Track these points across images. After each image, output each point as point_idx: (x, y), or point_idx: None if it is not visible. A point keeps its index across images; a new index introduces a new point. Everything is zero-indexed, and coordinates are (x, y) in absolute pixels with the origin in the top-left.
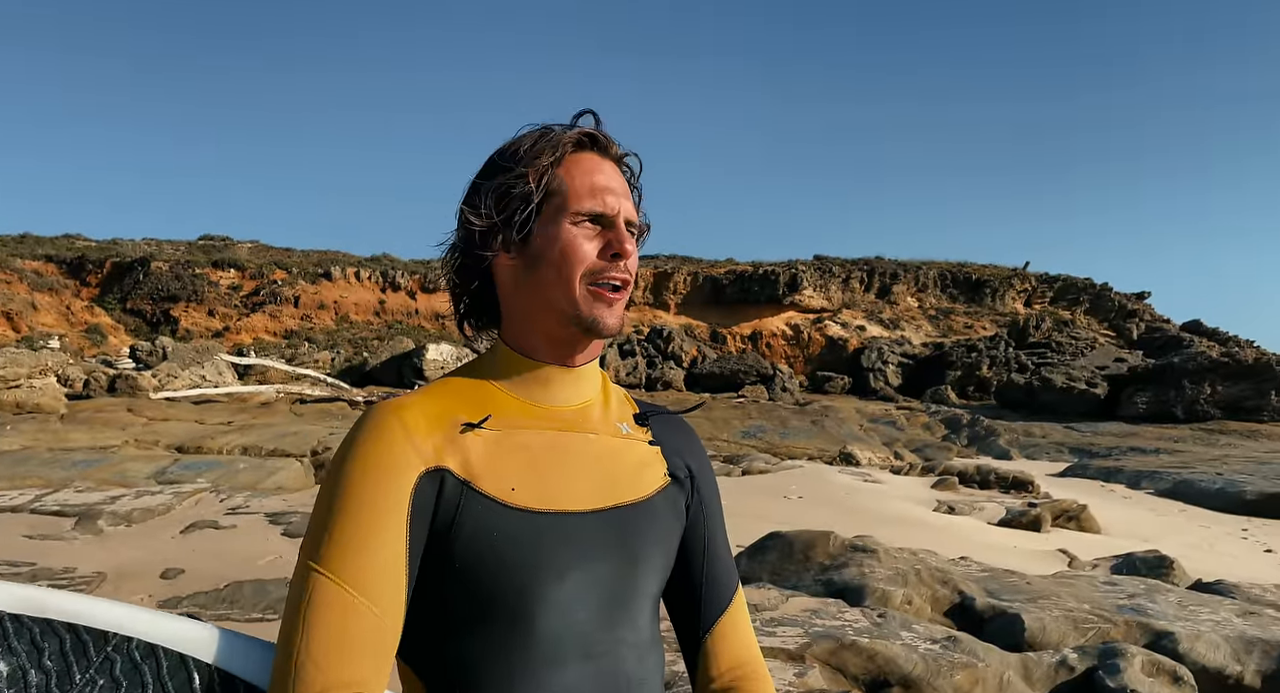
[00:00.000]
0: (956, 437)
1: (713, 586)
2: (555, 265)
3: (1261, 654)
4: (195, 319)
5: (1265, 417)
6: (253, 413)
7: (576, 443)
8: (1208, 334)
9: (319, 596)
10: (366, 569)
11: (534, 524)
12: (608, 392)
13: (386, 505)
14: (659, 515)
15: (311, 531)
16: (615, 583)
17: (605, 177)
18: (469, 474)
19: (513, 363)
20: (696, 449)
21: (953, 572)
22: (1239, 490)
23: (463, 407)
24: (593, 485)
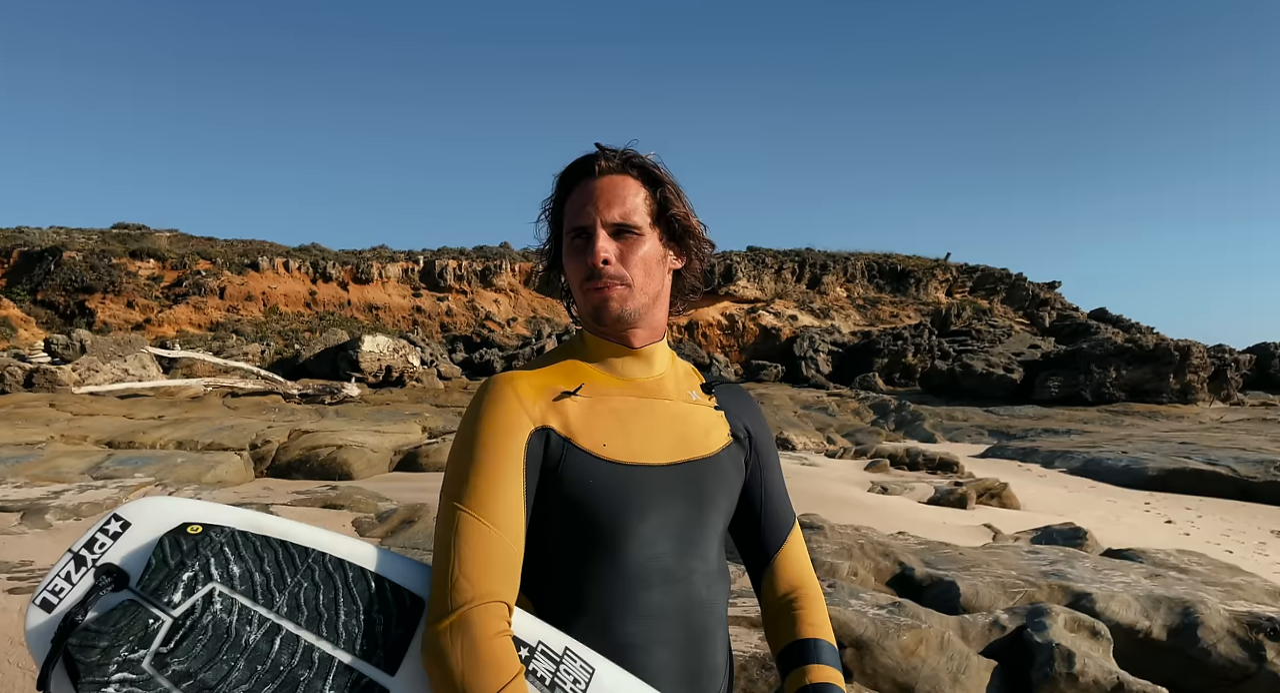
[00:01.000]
0: (885, 421)
1: (771, 522)
2: (569, 277)
3: (1167, 611)
4: (113, 311)
5: (1164, 398)
6: (184, 407)
7: (655, 408)
8: (1112, 321)
9: (464, 527)
10: (497, 507)
11: (621, 473)
12: (678, 366)
13: (508, 457)
14: (723, 468)
15: (451, 477)
16: (687, 522)
17: (588, 194)
18: (568, 432)
19: (594, 344)
20: (755, 414)
21: (893, 545)
22: (1142, 468)
23: (561, 378)
24: (668, 443)
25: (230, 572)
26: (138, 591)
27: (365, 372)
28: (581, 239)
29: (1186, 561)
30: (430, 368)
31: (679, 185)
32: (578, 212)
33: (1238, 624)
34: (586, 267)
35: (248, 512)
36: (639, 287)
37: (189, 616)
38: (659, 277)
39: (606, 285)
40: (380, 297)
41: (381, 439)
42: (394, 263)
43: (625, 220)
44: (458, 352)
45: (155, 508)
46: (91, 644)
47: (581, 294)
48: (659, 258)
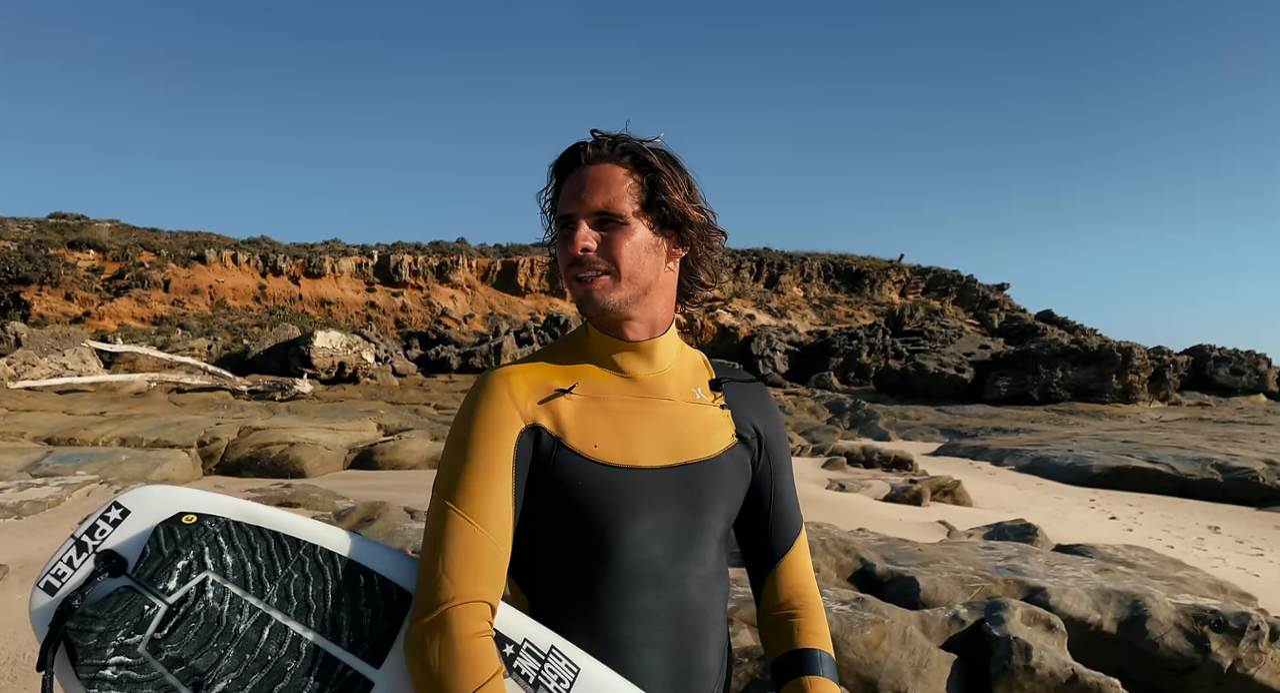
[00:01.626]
0: (840, 420)
1: (778, 528)
2: (559, 264)
3: (1117, 604)
4: (50, 304)
5: (1107, 398)
6: (127, 403)
7: (653, 408)
8: (1058, 323)
9: (451, 526)
10: (485, 506)
11: (612, 476)
12: (685, 361)
13: (497, 456)
14: (725, 471)
15: (443, 473)
16: (681, 527)
17: (574, 184)
18: (559, 431)
19: (596, 339)
20: (766, 412)
21: (854, 542)
22: (1087, 465)
23: (558, 375)
24: (665, 445)
25: (224, 561)
26: (134, 577)
27: (318, 368)
28: (567, 229)
29: (1133, 555)
30: (385, 365)
31: (682, 170)
32: (564, 201)
33: (1184, 617)
34: (569, 255)
35: (244, 502)
36: (626, 276)
37: (183, 603)
38: (651, 266)
39: (588, 275)
40: (333, 291)
41: (335, 437)
42: (347, 257)
43: (608, 208)
44: (413, 348)
45: (155, 496)
46: (89, 629)
47: (567, 285)
48: (649, 247)
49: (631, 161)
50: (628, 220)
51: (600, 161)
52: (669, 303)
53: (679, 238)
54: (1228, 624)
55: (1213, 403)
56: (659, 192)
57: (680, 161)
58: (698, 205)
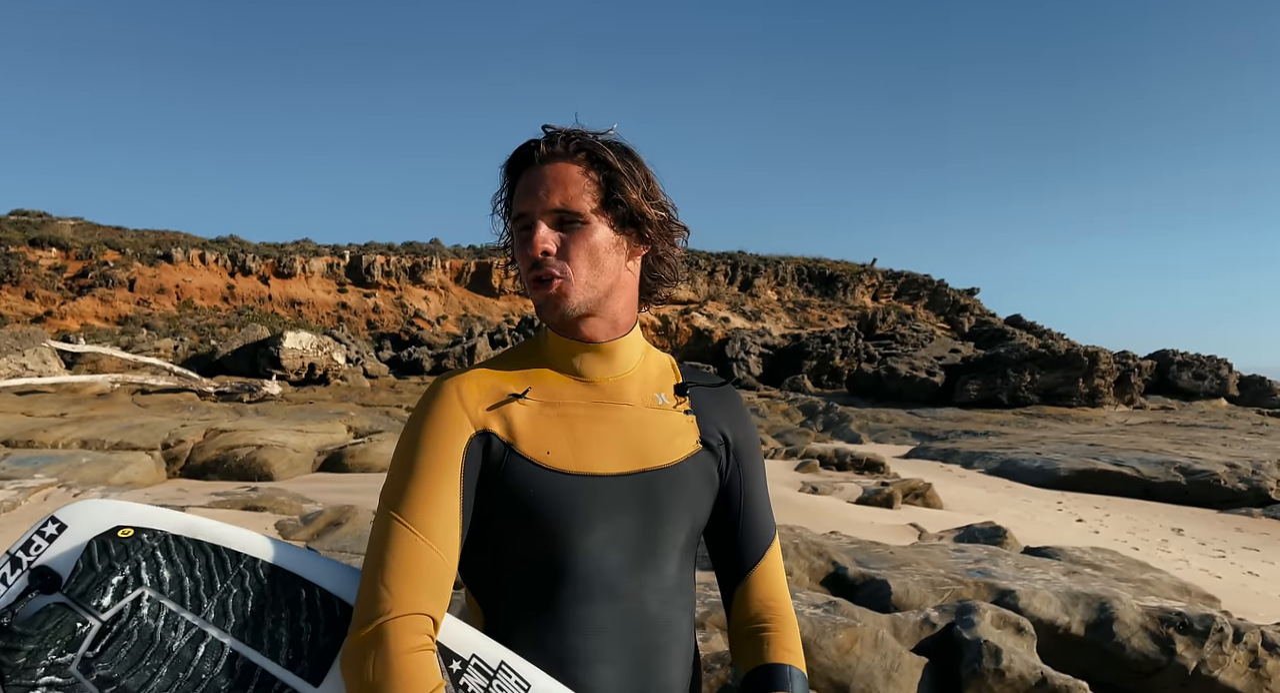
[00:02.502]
0: (813, 422)
1: (748, 538)
2: (518, 266)
3: (1085, 606)
4: (10, 302)
5: (1074, 402)
6: (89, 404)
7: (610, 413)
8: (1027, 327)
9: (395, 537)
10: (430, 516)
11: (565, 484)
12: (649, 364)
13: (445, 463)
14: (688, 479)
15: (390, 482)
16: (640, 536)
17: (528, 183)
18: (510, 438)
19: (554, 341)
20: (736, 417)
21: (826, 545)
22: (1054, 468)
23: (512, 379)
24: (622, 452)
25: (160, 576)
26: (67, 594)
27: (287, 369)
28: (525, 231)
29: (1100, 558)
30: (356, 366)
31: (640, 164)
32: (520, 200)
33: (1150, 619)
34: (529, 258)
35: (185, 515)
36: (584, 280)
37: (117, 620)
38: (611, 267)
39: (547, 279)
40: (303, 292)
41: (304, 439)
42: (318, 257)
43: (566, 207)
44: (385, 349)
45: (93, 511)
46: (18, 647)
47: (528, 288)
48: (609, 246)
49: (587, 158)
50: (587, 219)
51: (555, 159)
52: (631, 302)
53: (639, 235)
54: (1192, 626)
55: (1176, 407)
56: (616, 189)
57: (637, 155)
58: (657, 201)
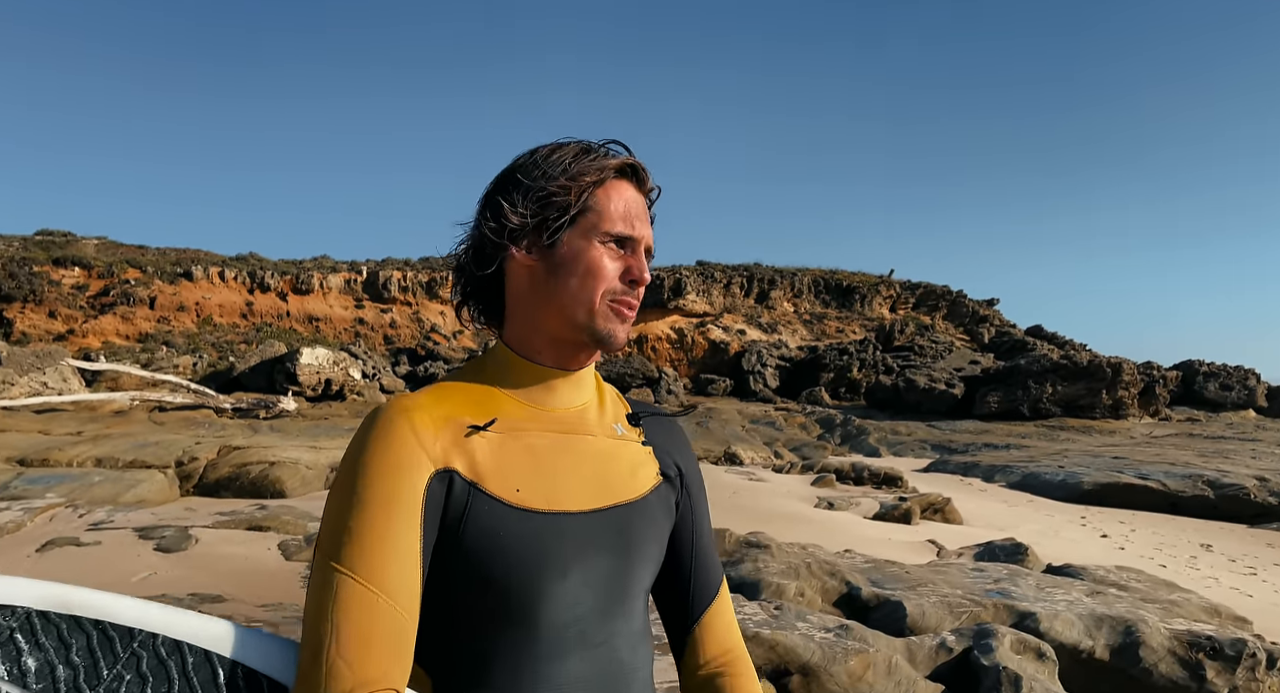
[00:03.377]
0: (830, 436)
1: (700, 578)
2: (580, 277)
3: (1109, 630)
4: (33, 321)
5: (1097, 414)
6: (106, 422)
7: (576, 445)
8: (1048, 338)
9: (344, 594)
10: (386, 567)
11: (537, 524)
12: (602, 393)
13: (401, 505)
14: (653, 513)
15: (328, 530)
16: (612, 578)
17: (638, 206)
18: (475, 476)
19: (515, 366)
20: (685, 449)
21: (839, 564)
22: (1078, 482)
23: (468, 407)
24: (592, 486)
25: (23, 665)
26: None
27: (303, 385)
28: (618, 249)
29: (1125, 577)
30: (372, 381)
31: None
32: (625, 218)
33: (1178, 643)
34: (623, 280)
35: (54, 586)
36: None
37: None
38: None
39: (631, 310)
40: (321, 308)
41: (318, 456)
42: (336, 273)
43: (651, 248)
44: (401, 365)
45: None
46: None
47: (599, 308)
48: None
49: (648, 200)
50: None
51: (644, 191)
52: None
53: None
54: (1223, 651)
55: (1202, 418)
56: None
57: None
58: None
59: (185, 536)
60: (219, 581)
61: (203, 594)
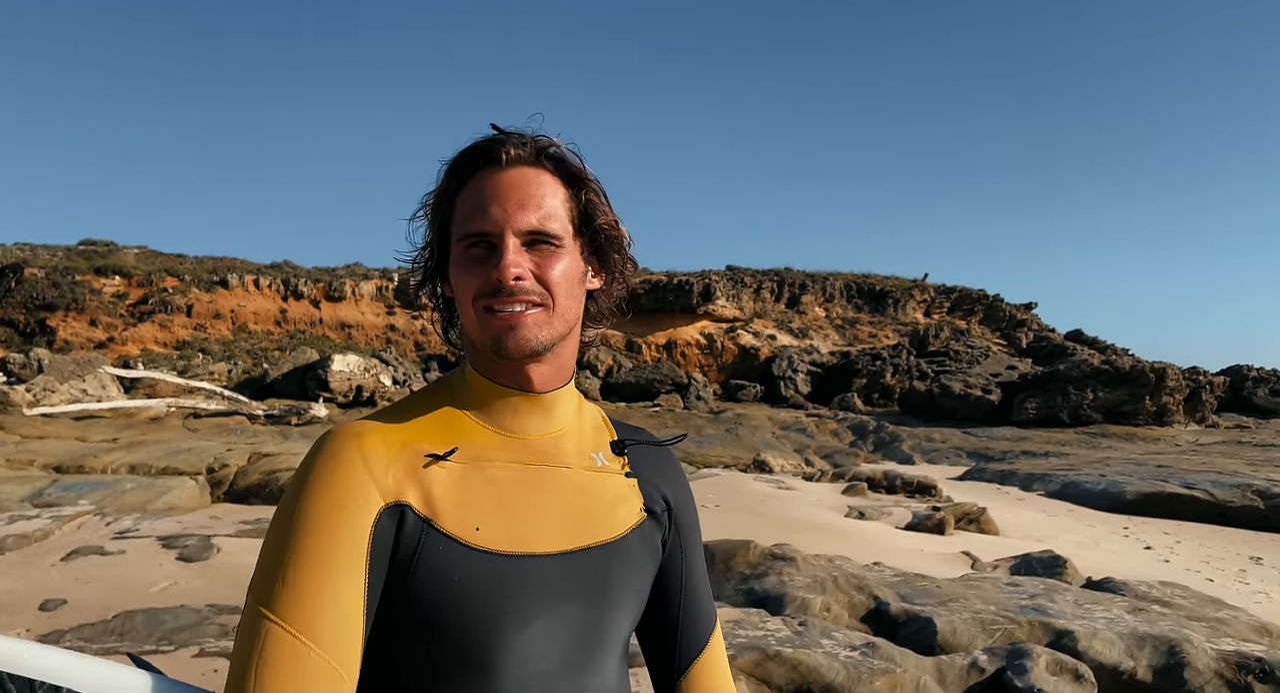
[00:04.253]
0: (863, 443)
1: (690, 624)
2: (456, 290)
3: (1152, 650)
4: (75, 329)
5: (1140, 420)
6: (141, 429)
7: (548, 478)
8: (1088, 343)
9: (271, 646)
10: (321, 618)
11: (498, 567)
12: (583, 417)
13: (343, 547)
14: (632, 555)
15: (262, 571)
16: (583, 629)
17: (493, 190)
18: (430, 511)
19: (479, 387)
20: (675, 479)
21: (867, 577)
22: (1120, 491)
23: (428, 433)
24: (563, 525)
25: None
26: None
27: (335, 392)
28: (481, 247)
29: (1169, 593)
30: (403, 388)
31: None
32: (478, 212)
33: (1225, 665)
34: (489, 282)
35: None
36: (559, 311)
37: None
38: (579, 299)
39: (515, 309)
40: (353, 315)
41: None
42: (368, 280)
43: (543, 227)
44: (432, 370)
45: None
46: None
47: (476, 318)
48: (580, 276)
49: (557, 170)
50: (563, 243)
51: (522, 165)
52: (576, 345)
53: (598, 265)
54: (1274, 674)
55: (1251, 425)
56: (593, 210)
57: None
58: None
59: (207, 545)
60: (238, 591)
61: (220, 605)
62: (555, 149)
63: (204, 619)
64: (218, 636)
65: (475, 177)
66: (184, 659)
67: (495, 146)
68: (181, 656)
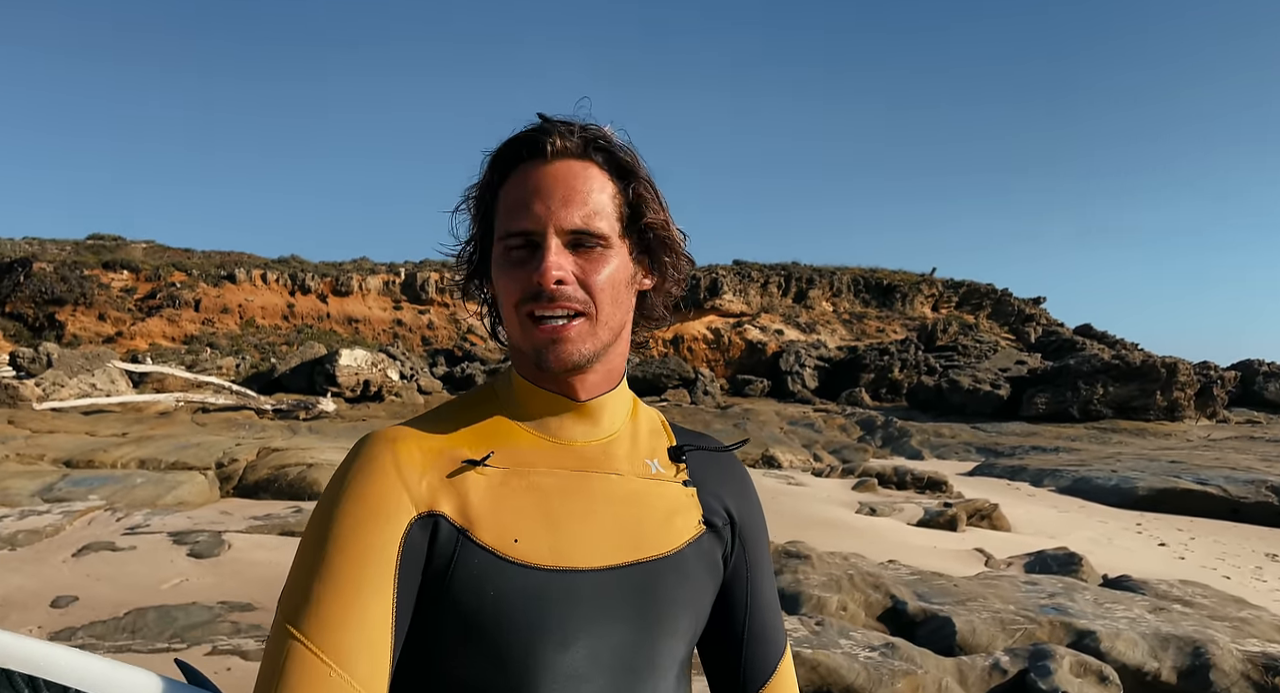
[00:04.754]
0: (871, 438)
1: (757, 648)
2: (500, 295)
3: (1176, 650)
4: (84, 324)
5: (1151, 416)
6: (150, 423)
7: (596, 485)
8: (1097, 337)
9: (293, 666)
10: (347, 638)
11: (538, 582)
12: (638, 420)
13: (374, 561)
14: (689, 572)
15: (290, 587)
16: (631, 652)
17: (535, 185)
18: (466, 521)
19: (520, 390)
20: (741, 488)
21: (884, 576)
22: (1132, 487)
23: (467, 438)
24: (612, 537)
25: None
26: None
27: (342, 386)
28: (523, 248)
29: (1190, 592)
30: (410, 382)
31: (652, 177)
32: (520, 208)
33: (1252, 667)
34: (531, 286)
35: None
36: (604, 319)
37: None
38: (626, 304)
39: (560, 316)
40: (360, 309)
41: None
42: (375, 275)
43: (588, 226)
44: (439, 365)
45: None
46: None
47: (519, 325)
48: (628, 279)
49: (606, 163)
50: (610, 244)
51: (569, 158)
52: (626, 348)
53: (649, 266)
54: None
55: (1263, 420)
56: (643, 207)
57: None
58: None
59: (218, 541)
60: (249, 588)
61: (232, 602)
62: (604, 140)
63: (216, 617)
64: (230, 633)
65: (519, 169)
66: (196, 658)
67: (540, 137)
68: (194, 654)
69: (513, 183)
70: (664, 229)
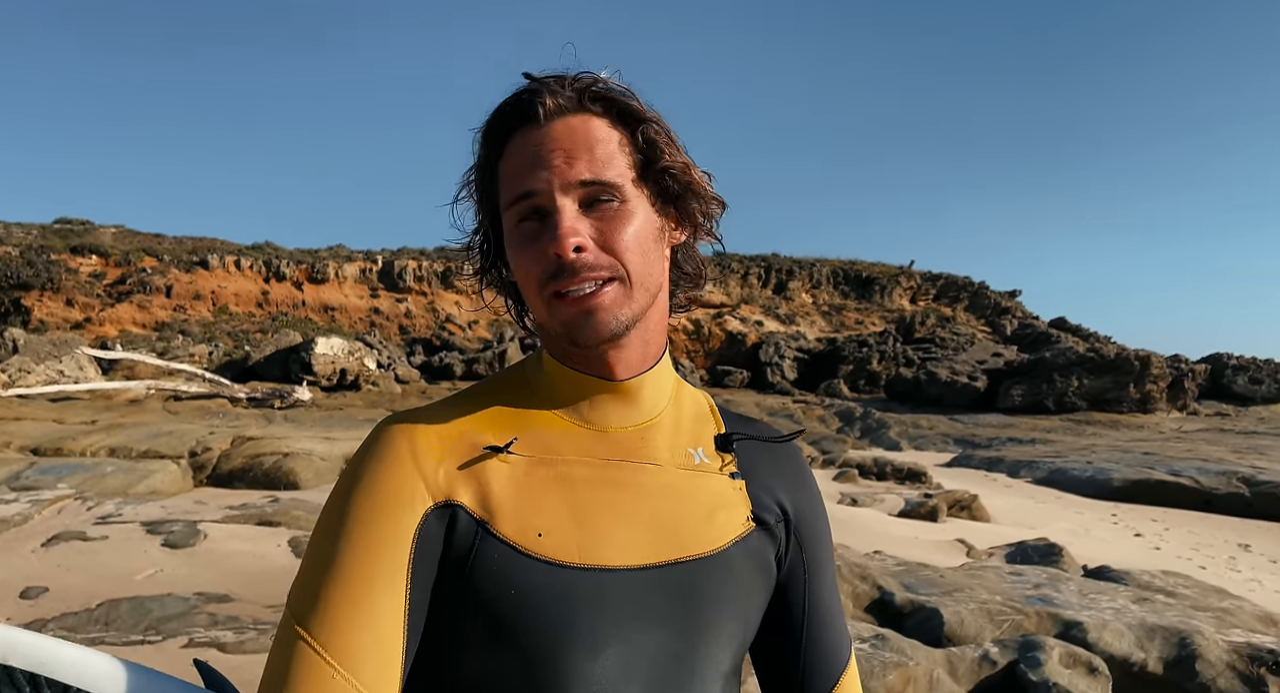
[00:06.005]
0: (850, 429)
1: (816, 658)
2: (519, 278)
3: (1163, 641)
4: (51, 309)
5: (1125, 408)
6: (121, 411)
7: (632, 476)
8: (1072, 330)
9: (297, 666)
10: (354, 640)
11: (564, 582)
12: (681, 404)
13: (383, 559)
14: (735, 573)
15: (299, 583)
16: (669, 660)
17: (534, 148)
18: (486, 512)
19: (551, 372)
20: (799, 481)
21: (870, 566)
22: (1107, 478)
23: (491, 424)
24: (647, 534)
25: None
26: None
27: (318, 375)
28: (533, 219)
29: (1172, 583)
30: (387, 371)
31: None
32: (521, 176)
33: (1237, 657)
34: (548, 260)
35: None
36: (638, 280)
37: None
38: (660, 262)
39: (588, 288)
40: (336, 297)
41: (332, 447)
42: (351, 263)
43: (598, 177)
44: (416, 354)
45: None
46: None
47: (544, 306)
48: (656, 234)
49: (607, 111)
50: (627, 195)
51: (566, 114)
52: (665, 316)
53: (679, 217)
54: None
55: (1232, 413)
56: (657, 150)
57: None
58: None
59: (194, 531)
60: (226, 579)
61: (209, 594)
62: (600, 85)
63: (192, 608)
64: (206, 625)
65: (514, 138)
66: (172, 650)
67: (530, 99)
68: (169, 646)
69: (510, 153)
70: (685, 172)
